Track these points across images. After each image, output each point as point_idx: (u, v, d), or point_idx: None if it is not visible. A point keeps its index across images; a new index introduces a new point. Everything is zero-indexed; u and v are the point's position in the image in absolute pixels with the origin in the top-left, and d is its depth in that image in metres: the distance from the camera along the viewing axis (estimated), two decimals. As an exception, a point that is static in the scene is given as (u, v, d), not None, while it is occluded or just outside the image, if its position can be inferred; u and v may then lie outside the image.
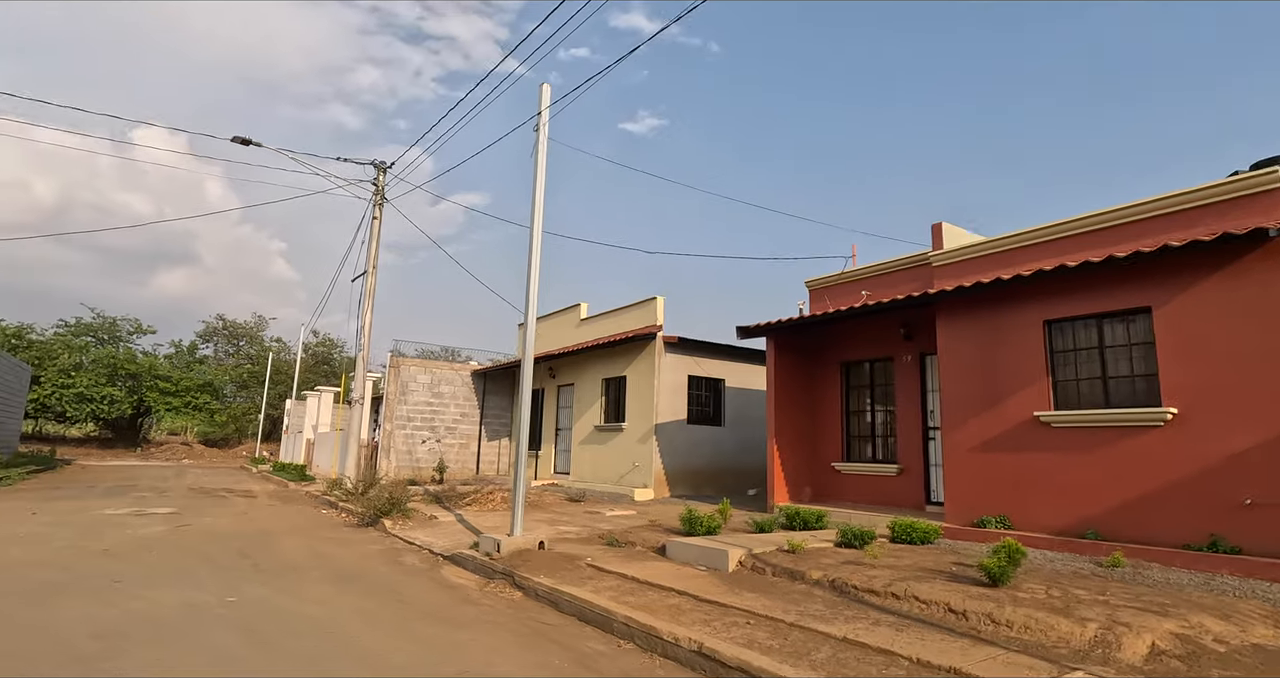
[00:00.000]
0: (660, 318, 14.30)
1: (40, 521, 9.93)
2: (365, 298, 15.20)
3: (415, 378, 18.11)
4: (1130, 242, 7.44)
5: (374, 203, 15.59)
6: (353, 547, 8.69)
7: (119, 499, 13.44)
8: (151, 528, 9.59)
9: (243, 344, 47.22)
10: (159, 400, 38.94)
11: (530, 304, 8.13)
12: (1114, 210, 7.76)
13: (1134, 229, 7.56)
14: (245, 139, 13.81)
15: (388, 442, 17.49)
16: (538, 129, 8.32)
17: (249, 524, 10.60)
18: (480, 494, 12.21)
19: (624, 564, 6.70)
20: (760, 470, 15.04)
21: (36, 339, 37.13)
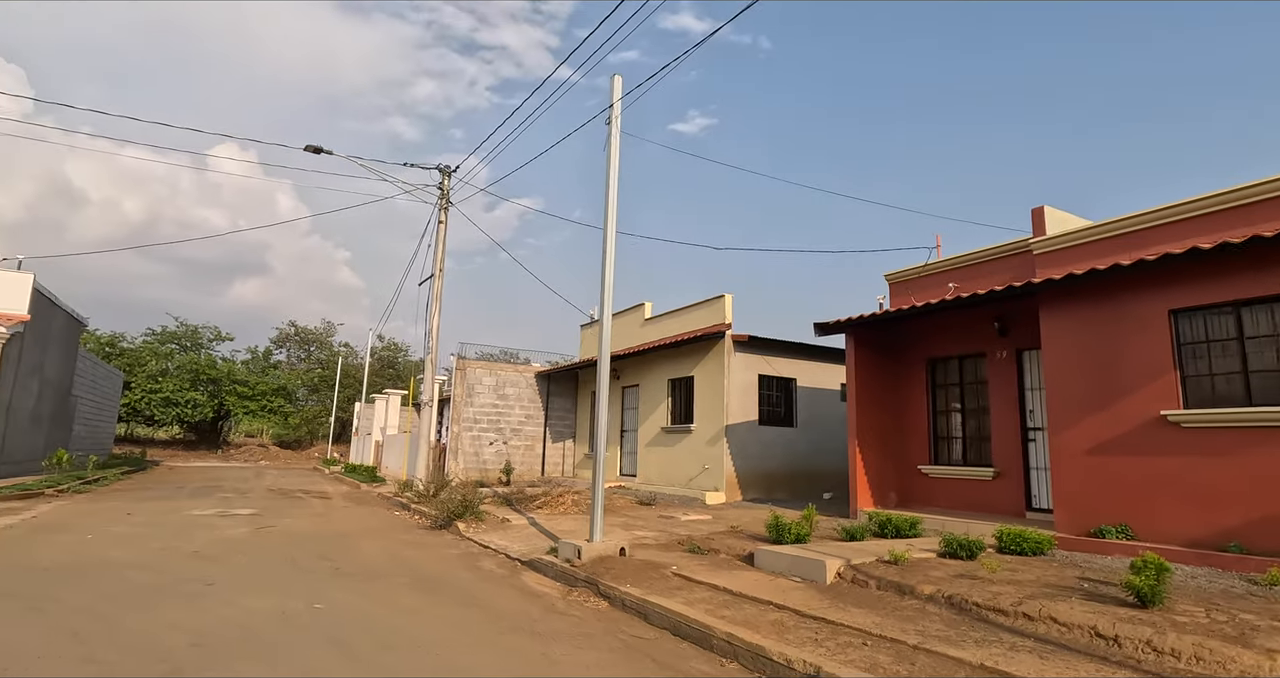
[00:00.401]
0: (729, 316, 13.90)
1: (135, 521, 10.27)
2: (433, 301, 15.32)
3: (480, 380, 18.21)
4: (1261, 224, 6.66)
5: (439, 207, 15.71)
6: (429, 551, 8.63)
7: (205, 500, 13.89)
8: (236, 530, 9.78)
9: (313, 349, 48.97)
10: (237, 404, 40.72)
11: (605, 300, 7.88)
12: (1241, 188, 6.98)
13: (1263, 210, 6.77)
14: (317, 147, 14.09)
15: (455, 443, 17.62)
16: (610, 122, 8.08)
17: (327, 526, 10.72)
18: (550, 497, 12.06)
19: (712, 574, 6.36)
20: (835, 473, 14.45)
21: (127, 347, 39.38)
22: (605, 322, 7.91)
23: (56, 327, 19.29)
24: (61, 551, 7.61)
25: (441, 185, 15.70)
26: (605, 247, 7.86)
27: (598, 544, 7.12)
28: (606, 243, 7.86)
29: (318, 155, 14.20)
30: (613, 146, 8.03)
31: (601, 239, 7.89)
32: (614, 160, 8.00)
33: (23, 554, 7.30)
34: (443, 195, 15.66)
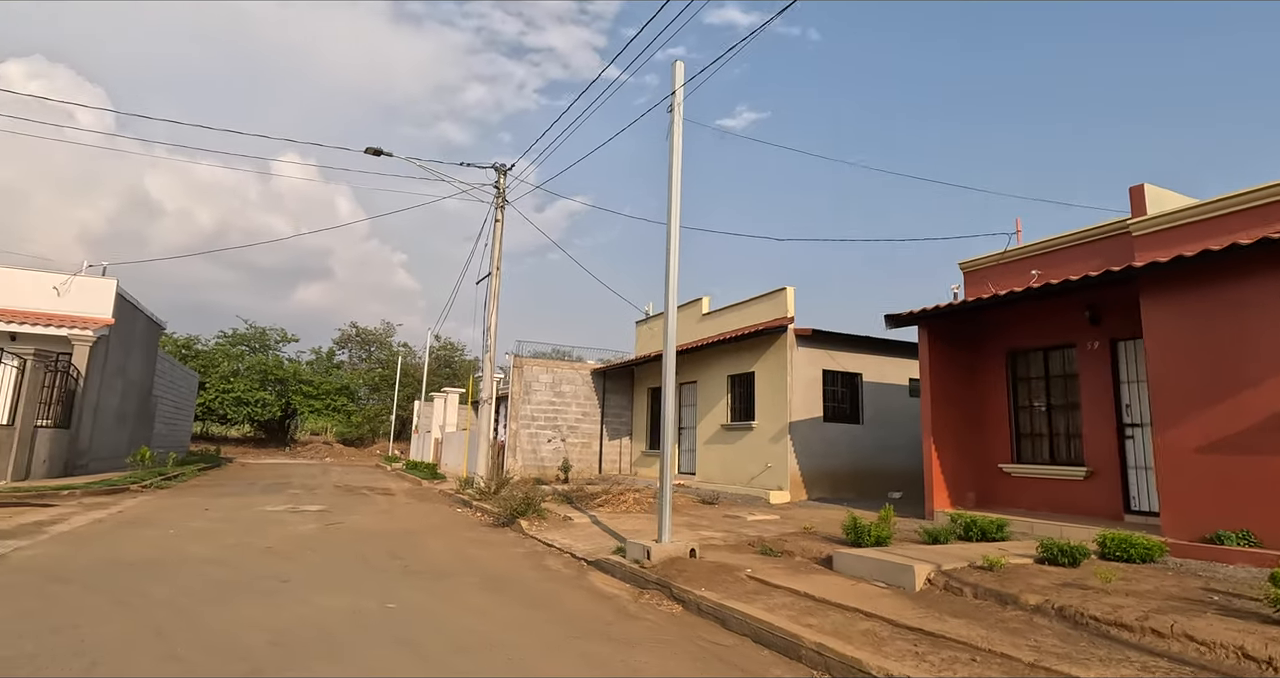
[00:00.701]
0: (791, 309, 13.47)
1: (213, 517, 10.58)
2: (490, 299, 15.38)
3: (537, 378, 18.23)
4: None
5: (495, 206, 15.76)
6: (494, 549, 8.56)
7: (276, 496, 14.28)
8: (306, 526, 9.94)
9: (373, 349, 50.37)
10: (303, 403, 42.19)
11: (670, 291, 7.64)
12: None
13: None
14: (377, 149, 14.30)
15: (513, 441, 17.69)
16: (672, 109, 7.82)
17: (393, 523, 10.83)
18: (611, 495, 11.91)
19: (790, 578, 6.05)
20: (903, 472, 13.87)
21: (201, 349, 41.27)
22: (670, 313, 7.66)
23: (138, 330, 20.23)
24: (145, 545, 7.83)
25: (497, 184, 15.75)
26: (669, 236, 7.62)
27: (667, 545, 6.89)
28: (670, 232, 7.61)
29: (378, 157, 14.41)
30: (675, 135, 7.77)
31: (665, 229, 7.65)
32: (677, 148, 7.74)
33: (111, 548, 7.53)
34: (499, 193, 15.70)
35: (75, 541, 7.95)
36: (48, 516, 9.95)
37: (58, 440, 14.63)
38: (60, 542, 7.83)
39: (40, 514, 10.04)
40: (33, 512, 10.29)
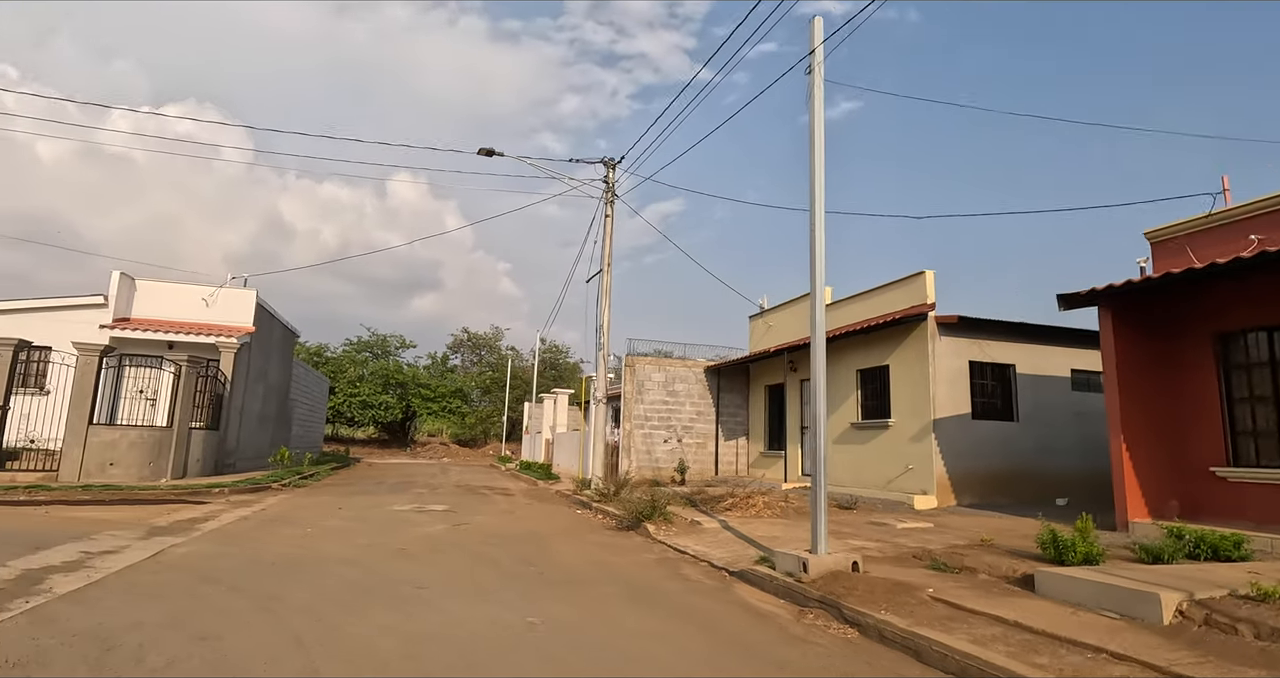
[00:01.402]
0: (931, 295, 12.19)
1: (346, 516, 10.75)
2: (602, 296, 15.02)
3: (650, 377, 17.75)
4: None
5: (605, 201, 15.41)
6: (626, 555, 8.04)
7: (402, 496, 14.55)
8: (434, 527, 9.85)
9: (483, 353, 52.09)
10: (422, 406, 44.15)
11: (816, 268, 6.81)
12: None
13: None
14: (489, 150, 14.29)
15: (627, 441, 17.29)
16: (810, 71, 7.00)
17: (517, 525, 10.59)
18: (738, 498, 11.15)
19: (984, 601, 5.08)
20: (1067, 476, 12.24)
21: (331, 356, 44.08)
22: (817, 294, 6.83)
23: (275, 337, 21.55)
24: (285, 544, 7.89)
25: (606, 178, 15.40)
26: (813, 206, 6.80)
27: (825, 557, 6.07)
28: (815, 201, 6.79)
29: (489, 158, 14.40)
30: (816, 98, 6.94)
31: (809, 198, 6.84)
32: (818, 113, 6.91)
33: (254, 547, 7.61)
34: (608, 188, 15.34)
35: (223, 538, 8.14)
36: (200, 512, 10.42)
37: (209, 441, 15.63)
38: (210, 539, 8.02)
39: (194, 511, 10.54)
40: (188, 509, 10.84)
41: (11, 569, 5.93)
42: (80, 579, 5.68)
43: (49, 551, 6.80)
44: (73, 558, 6.53)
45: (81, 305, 17.03)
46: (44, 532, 7.92)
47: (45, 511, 9.86)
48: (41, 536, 7.62)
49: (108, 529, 8.28)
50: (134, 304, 17.91)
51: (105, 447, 13.23)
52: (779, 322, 17.55)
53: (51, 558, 6.48)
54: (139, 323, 17.44)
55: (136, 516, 9.77)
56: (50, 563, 6.27)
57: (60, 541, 7.34)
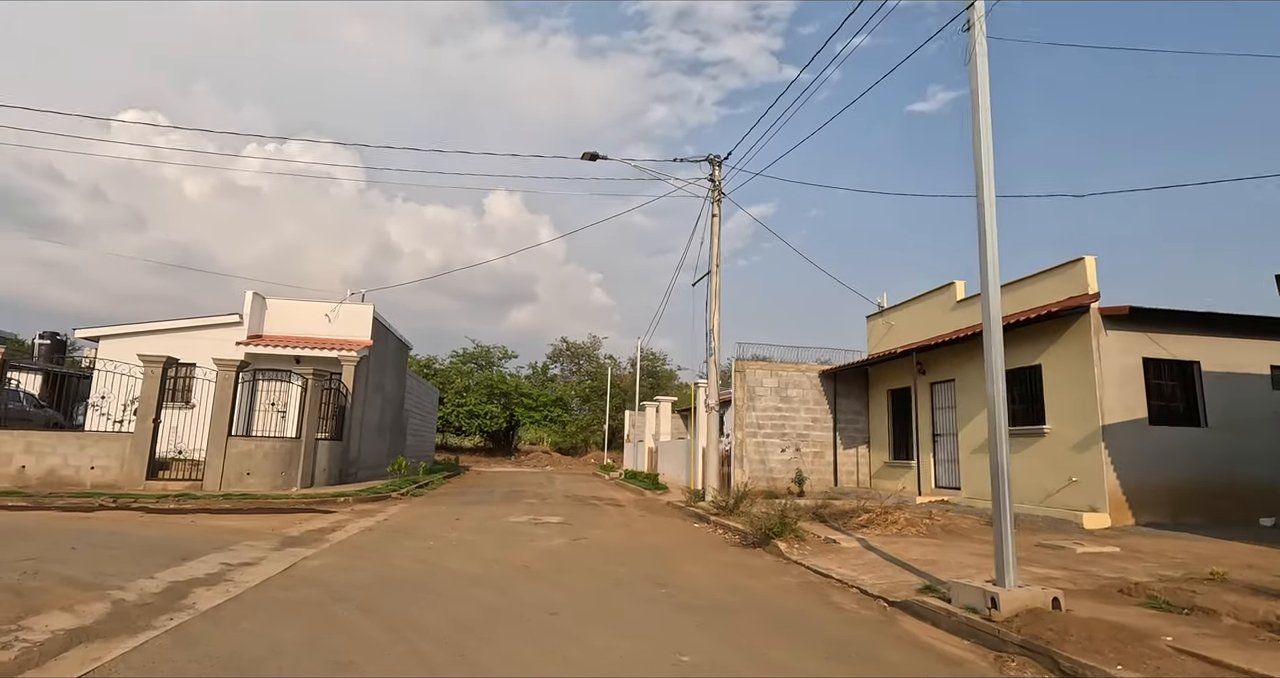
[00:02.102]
0: (1092, 284, 10.72)
1: (465, 527, 10.63)
2: (711, 298, 14.38)
3: (761, 382, 16.91)
4: None
5: (711, 200, 14.80)
6: (761, 577, 7.33)
7: (515, 506, 14.45)
8: (554, 540, 9.51)
9: (582, 362, 52.65)
10: (524, 415, 45.03)
11: (987, 246, 5.88)
12: None
13: None
14: (593, 154, 14.04)
15: (739, 450, 16.51)
16: (970, 27, 6.11)
17: (636, 539, 10.10)
18: (875, 514, 10.16)
19: (1253, 657, 4.03)
20: (1272, 490, 10.39)
21: (439, 368, 45.84)
22: (990, 273, 5.90)
23: (390, 350, 22.34)
24: (411, 558, 7.73)
25: (712, 176, 14.78)
26: (981, 180, 5.90)
27: (1019, 592, 5.12)
28: (982, 176, 5.89)
29: (593, 162, 14.14)
30: (977, 57, 6.04)
31: (975, 173, 5.94)
32: (981, 71, 6.01)
33: (382, 561, 7.49)
34: (714, 187, 14.72)
35: (351, 551, 8.10)
36: (328, 522, 10.60)
37: (333, 451, 16.22)
38: (339, 551, 8.00)
39: (322, 521, 10.74)
40: (317, 518, 11.08)
41: (159, 582, 6.00)
42: (220, 594, 5.64)
43: (194, 562, 6.91)
44: (214, 570, 6.58)
45: (220, 324, 18.22)
46: (190, 541, 8.16)
47: (191, 519, 10.31)
48: (188, 545, 7.83)
49: (245, 540, 8.45)
50: (265, 321, 19.00)
51: (242, 457, 13.90)
52: (902, 321, 16.26)
53: (195, 570, 6.55)
54: (269, 339, 18.45)
55: (270, 525, 10.03)
56: (194, 574, 6.33)
57: (204, 551, 7.50)
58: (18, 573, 6.09)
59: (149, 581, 6.01)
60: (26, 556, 6.84)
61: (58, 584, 5.77)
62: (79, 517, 10.11)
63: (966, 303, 13.90)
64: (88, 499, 11.57)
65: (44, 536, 8.14)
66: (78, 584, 5.79)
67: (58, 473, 12.98)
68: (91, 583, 5.84)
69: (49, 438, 13.28)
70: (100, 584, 5.80)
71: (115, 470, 13.20)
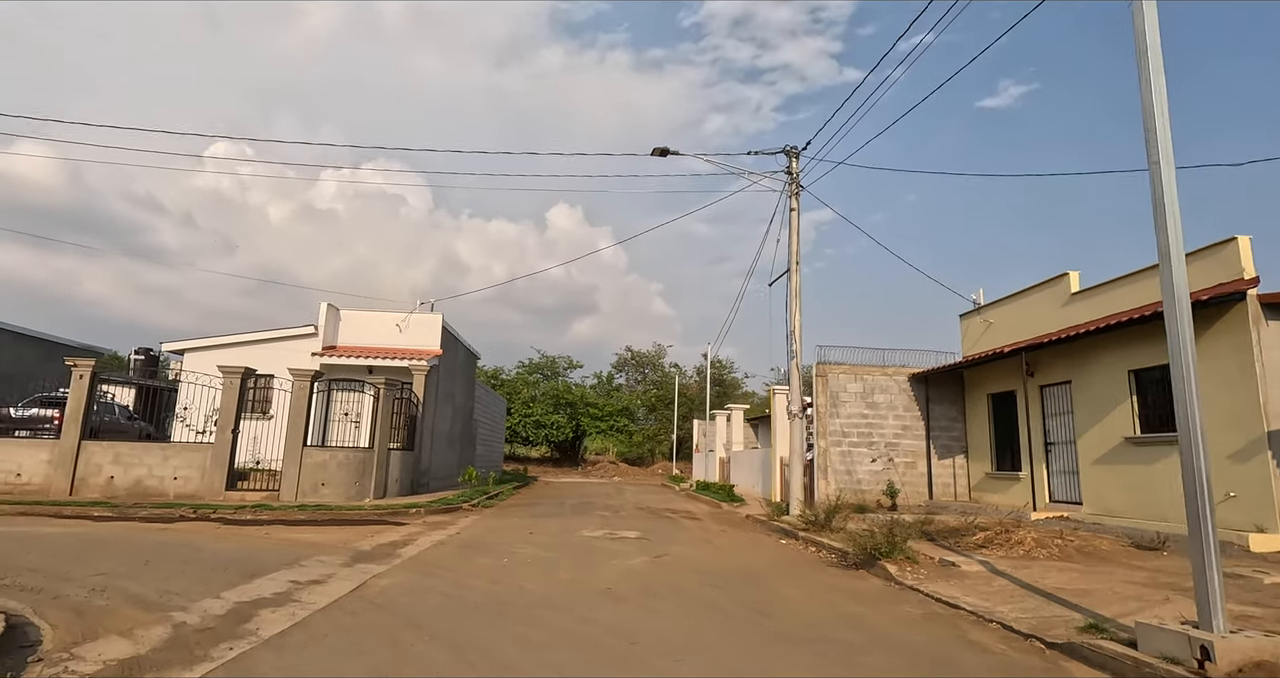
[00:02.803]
0: (1248, 267, 9.30)
1: (539, 542, 10.07)
2: (791, 298, 13.46)
3: (845, 388, 15.80)
4: None
5: (789, 193, 13.90)
6: (877, 606, 6.39)
7: (587, 519, 13.85)
8: (634, 559, 8.80)
9: (647, 372, 52.08)
10: (590, 424, 44.74)
11: (1166, 211, 4.86)
12: None
13: None
14: (664, 149, 13.41)
15: (822, 460, 15.43)
16: (1124, -49, 5.12)
17: (723, 557, 9.28)
18: (994, 532, 9.01)
19: None
20: None
21: (506, 379, 46.14)
22: (1173, 240, 4.87)
23: (459, 360, 22.28)
24: (484, 577, 7.18)
25: (789, 169, 13.91)
26: (1154, 138, 4.89)
27: (1238, 640, 4.07)
28: (1155, 134, 4.88)
29: (663, 158, 13.51)
30: None
31: (1145, 134, 4.93)
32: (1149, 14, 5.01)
33: (454, 581, 6.96)
34: (792, 179, 13.83)
35: (422, 568, 7.62)
36: (399, 535, 10.23)
37: (405, 461, 16.06)
38: (410, 568, 7.53)
39: (394, 534, 10.38)
40: (389, 531, 10.74)
41: (225, 602, 5.61)
42: (285, 618, 5.17)
43: (262, 579, 6.54)
44: (282, 588, 6.17)
45: (296, 336, 18.48)
46: (261, 556, 7.87)
47: (265, 532, 10.12)
48: (258, 561, 7.52)
49: (316, 554, 8.11)
50: (339, 333, 19.19)
51: (317, 467, 13.83)
52: (1003, 318, 14.88)
53: (263, 588, 6.16)
54: (343, 349, 18.59)
55: (342, 538, 9.72)
56: (261, 594, 5.93)
57: (273, 567, 7.15)
58: (87, 590, 5.83)
59: (214, 601, 5.62)
60: (100, 570, 6.63)
61: (123, 604, 5.45)
62: (159, 528, 10.08)
63: (1083, 296, 12.49)
64: (169, 510, 11.63)
65: (122, 548, 8.01)
66: (142, 604, 5.45)
67: (143, 483, 13.19)
68: (156, 603, 5.50)
69: (135, 449, 13.54)
70: (164, 605, 5.45)
71: (196, 481, 13.32)
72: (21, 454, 13.05)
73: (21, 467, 12.97)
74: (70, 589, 5.82)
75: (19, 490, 12.74)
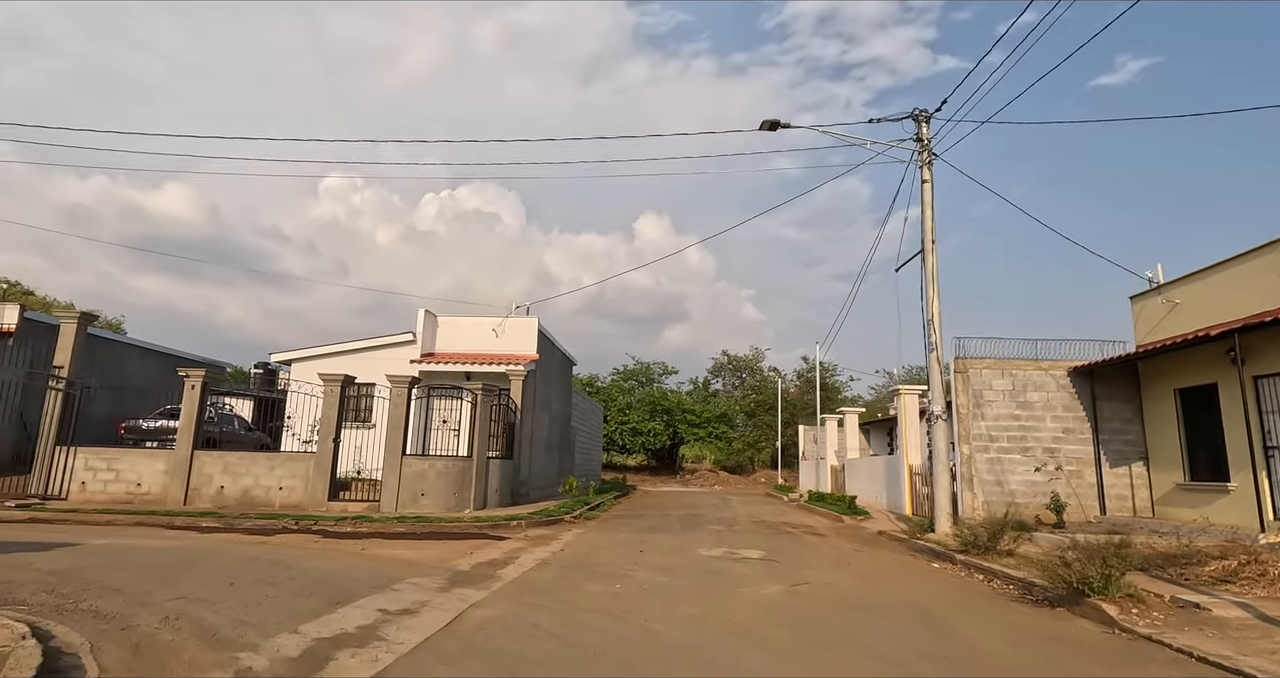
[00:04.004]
0: None
1: (651, 562, 8.88)
2: (929, 282, 11.70)
3: (990, 384, 13.73)
4: None
5: (918, 163, 12.17)
6: (1116, 665, 4.77)
7: (699, 534, 12.57)
8: (765, 586, 7.44)
9: (744, 376, 50.17)
10: (688, 432, 43.35)
11: None
12: None
13: None
14: (774, 122, 12.03)
15: (966, 468, 13.43)
16: None
17: (874, 587, 7.75)
18: (1241, 564, 7.00)
19: None
20: None
21: (600, 386, 45.64)
22: None
23: (556, 365, 21.61)
24: (596, 609, 6.05)
25: (919, 135, 12.17)
26: None
27: None
28: None
29: (774, 131, 12.13)
30: None
31: None
32: None
33: (562, 615, 5.87)
34: (922, 147, 12.09)
35: (526, 595, 6.59)
36: (500, 552, 9.35)
37: (504, 470, 15.37)
38: (512, 596, 6.52)
39: (494, 550, 9.52)
40: (489, 546, 9.91)
41: (302, 639, 4.74)
42: (366, 665, 4.22)
43: (347, 608, 5.70)
44: (368, 620, 5.28)
45: (396, 343, 18.34)
46: (352, 577, 7.12)
47: (362, 547, 9.50)
48: (349, 583, 6.76)
49: (411, 575, 7.29)
50: (437, 339, 18.93)
51: (416, 477, 13.32)
52: (1193, 298, 12.39)
53: (348, 620, 5.29)
54: (440, 356, 18.27)
55: (440, 554, 8.93)
56: (344, 628, 5.05)
57: (363, 591, 6.34)
58: (158, 619, 5.14)
59: (291, 636, 4.78)
60: (181, 593, 6.00)
61: (190, 638, 4.68)
62: (257, 542, 9.66)
63: (1199, 277, 10.01)
64: (272, 522, 11.34)
65: (212, 566, 7.48)
66: (211, 639, 4.67)
67: (250, 493, 13.10)
68: (226, 638, 4.70)
69: (243, 459, 13.50)
70: (235, 641, 4.64)
71: (300, 491, 13.09)
72: (142, 465, 13.27)
73: (142, 477, 13.17)
74: (142, 617, 5.16)
75: (139, 500, 12.93)
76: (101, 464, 13.17)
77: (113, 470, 13.14)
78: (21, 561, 7.18)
